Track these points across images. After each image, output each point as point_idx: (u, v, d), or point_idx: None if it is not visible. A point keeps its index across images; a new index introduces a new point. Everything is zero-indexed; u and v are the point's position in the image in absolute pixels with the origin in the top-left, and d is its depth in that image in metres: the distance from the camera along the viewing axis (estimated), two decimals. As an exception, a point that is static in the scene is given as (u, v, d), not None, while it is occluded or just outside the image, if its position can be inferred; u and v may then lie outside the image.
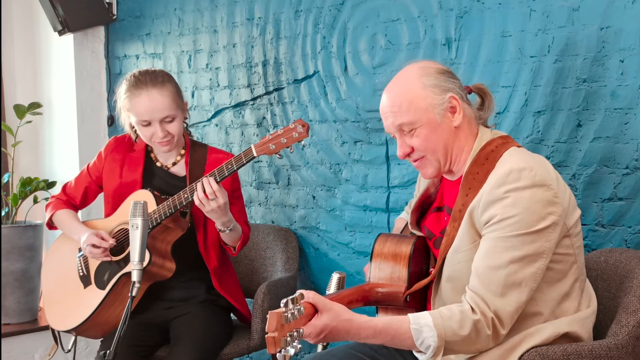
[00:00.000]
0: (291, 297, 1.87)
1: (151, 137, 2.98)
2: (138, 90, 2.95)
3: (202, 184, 2.79)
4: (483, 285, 2.05)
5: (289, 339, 1.85)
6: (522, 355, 2.06)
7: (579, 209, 2.19)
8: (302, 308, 1.89)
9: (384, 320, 2.02)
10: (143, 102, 2.94)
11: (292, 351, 1.85)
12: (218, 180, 2.80)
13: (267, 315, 1.82)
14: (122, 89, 3.02)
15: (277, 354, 1.85)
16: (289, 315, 1.85)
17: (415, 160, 2.25)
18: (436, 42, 3.04)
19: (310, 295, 1.95)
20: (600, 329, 2.29)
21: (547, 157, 2.74)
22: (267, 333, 1.82)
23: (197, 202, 2.80)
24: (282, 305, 1.85)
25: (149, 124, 2.96)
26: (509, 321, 2.06)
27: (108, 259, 2.96)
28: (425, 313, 2.05)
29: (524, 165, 2.06)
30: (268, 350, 1.84)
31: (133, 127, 3.06)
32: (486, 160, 2.16)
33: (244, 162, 2.78)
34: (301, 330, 1.89)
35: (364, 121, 3.31)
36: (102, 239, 2.95)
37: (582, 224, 2.66)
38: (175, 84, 3.03)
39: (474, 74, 2.90)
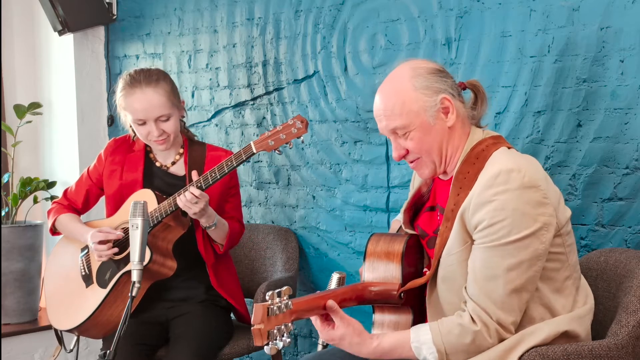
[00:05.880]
0: (277, 290, 1.88)
1: (147, 135, 2.99)
2: (132, 89, 2.96)
3: (184, 193, 2.82)
4: (484, 295, 2.05)
5: (276, 332, 1.85)
6: (522, 355, 2.06)
7: (568, 208, 2.18)
8: (289, 302, 1.88)
9: (389, 343, 2.09)
10: (137, 100, 2.94)
11: (280, 344, 1.85)
12: (203, 185, 2.82)
13: (253, 308, 1.83)
14: (118, 88, 3.03)
15: (265, 347, 1.85)
16: (275, 308, 1.85)
17: (412, 162, 2.24)
18: (436, 42, 3.04)
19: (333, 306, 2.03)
20: (600, 329, 2.29)
21: (547, 157, 2.74)
22: (253, 325, 1.82)
23: (181, 206, 2.84)
24: (267, 297, 1.85)
25: (144, 122, 2.96)
26: (512, 327, 2.07)
27: (113, 251, 2.96)
28: (425, 328, 2.09)
29: (512, 167, 2.05)
30: (254, 343, 1.84)
31: (131, 126, 3.07)
32: (477, 159, 2.15)
33: (244, 158, 2.79)
34: (289, 324, 1.89)
35: (364, 121, 3.31)
36: (108, 232, 2.96)
37: (582, 224, 2.67)
38: (171, 82, 3.03)
39: (474, 74, 2.90)
